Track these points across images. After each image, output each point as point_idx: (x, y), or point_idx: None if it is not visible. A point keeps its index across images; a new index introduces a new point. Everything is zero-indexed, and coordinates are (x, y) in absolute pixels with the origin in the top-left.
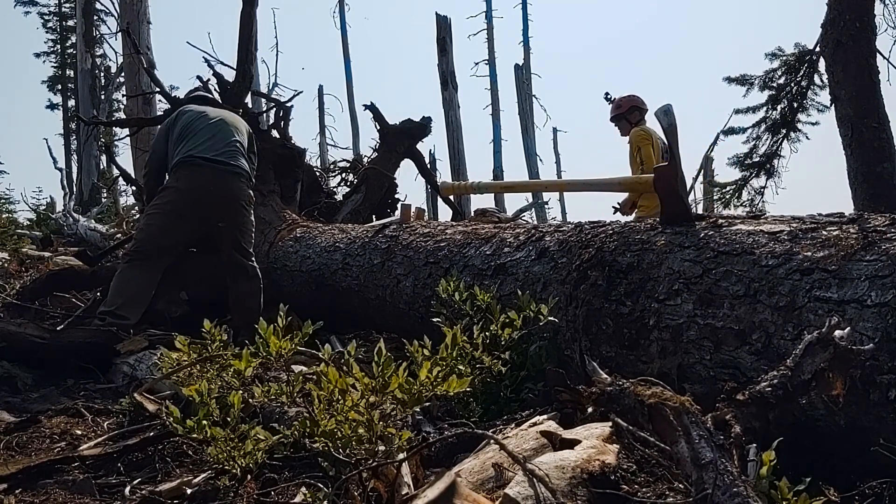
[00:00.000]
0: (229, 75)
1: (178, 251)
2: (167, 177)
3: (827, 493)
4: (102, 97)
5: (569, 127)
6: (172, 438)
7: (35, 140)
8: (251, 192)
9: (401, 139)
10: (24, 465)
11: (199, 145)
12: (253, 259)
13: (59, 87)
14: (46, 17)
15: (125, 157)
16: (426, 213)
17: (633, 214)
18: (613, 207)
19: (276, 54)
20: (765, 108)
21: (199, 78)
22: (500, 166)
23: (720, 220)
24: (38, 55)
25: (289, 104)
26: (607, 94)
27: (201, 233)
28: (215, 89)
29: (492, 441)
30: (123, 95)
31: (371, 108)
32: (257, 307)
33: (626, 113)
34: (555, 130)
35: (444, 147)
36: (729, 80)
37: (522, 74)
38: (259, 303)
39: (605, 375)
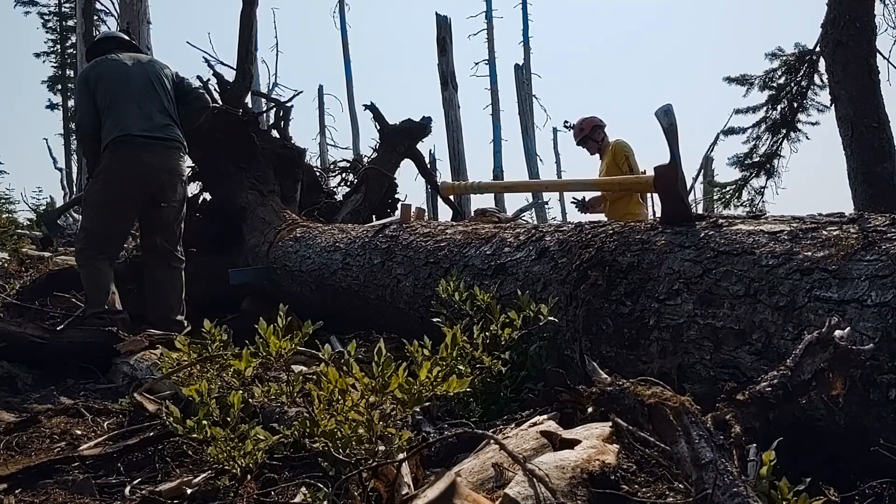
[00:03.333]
0: (229, 75)
1: (127, 234)
2: (102, 154)
3: (827, 493)
4: None
5: None
6: (172, 438)
7: (35, 140)
8: (184, 165)
9: (401, 139)
10: (24, 465)
11: (131, 119)
12: (179, 246)
13: (59, 87)
14: (46, 17)
15: None
16: (426, 213)
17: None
18: (574, 200)
19: (276, 54)
20: (765, 108)
21: (199, 78)
22: (500, 166)
23: (720, 220)
24: (38, 55)
25: (289, 104)
26: (566, 122)
27: (143, 213)
28: (215, 89)
29: (492, 441)
30: None
31: (371, 108)
32: (177, 301)
33: (590, 134)
34: (555, 130)
35: (444, 147)
36: (729, 80)
37: (522, 74)
38: (180, 297)
39: (605, 375)
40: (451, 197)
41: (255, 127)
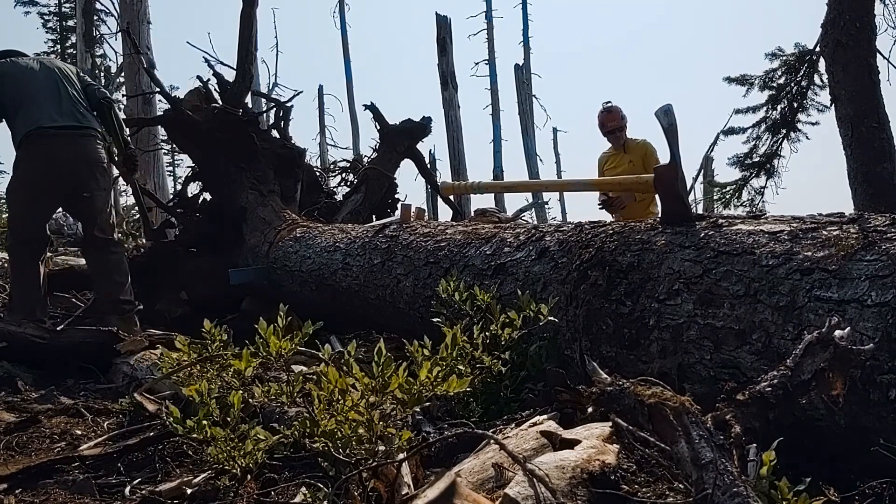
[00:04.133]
0: (229, 75)
1: (46, 224)
2: (17, 150)
3: (827, 493)
4: None
5: (569, 127)
6: (172, 438)
7: None
8: (104, 152)
9: (401, 139)
10: (24, 465)
11: (44, 112)
12: (115, 232)
13: None
14: (46, 17)
15: None
16: (426, 213)
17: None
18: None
19: (276, 54)
20: (765, 108)
21: (199, 78)
22: (500, 166)
23: (720, 220)
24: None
25: (289, 104)
26: (607, 102)
27: (68, 205)
28: (215, 89)
29: (492, 441)
30: (123, 95)
31: (371, 107)
32: (123, 281)
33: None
34: (555, 130)
35: (444, 147)
36: (729, 80)
37: (522, 74)
38: (125, 278)
39: (605, 375)
40: (451, 197)
41: (255, 127)
